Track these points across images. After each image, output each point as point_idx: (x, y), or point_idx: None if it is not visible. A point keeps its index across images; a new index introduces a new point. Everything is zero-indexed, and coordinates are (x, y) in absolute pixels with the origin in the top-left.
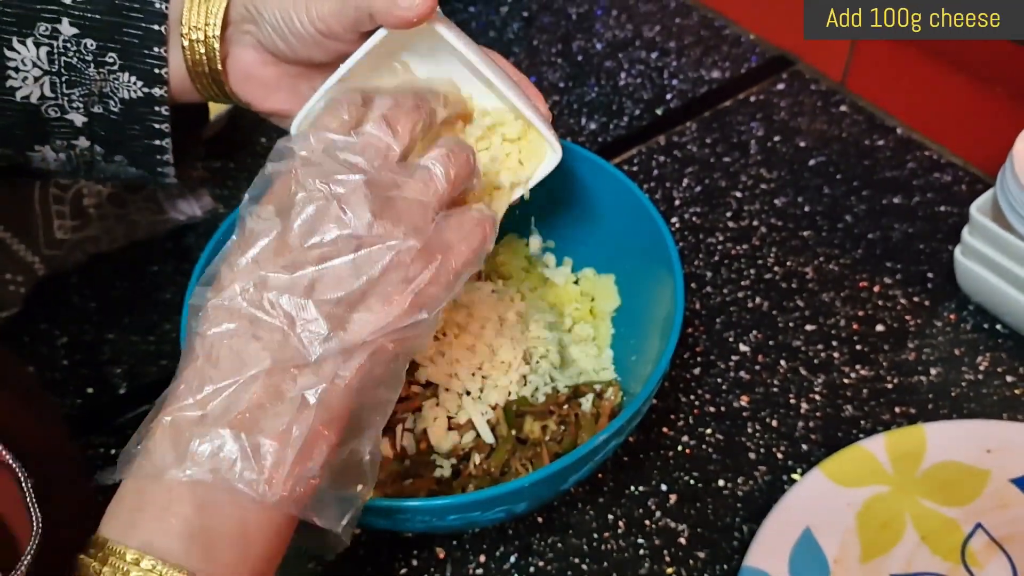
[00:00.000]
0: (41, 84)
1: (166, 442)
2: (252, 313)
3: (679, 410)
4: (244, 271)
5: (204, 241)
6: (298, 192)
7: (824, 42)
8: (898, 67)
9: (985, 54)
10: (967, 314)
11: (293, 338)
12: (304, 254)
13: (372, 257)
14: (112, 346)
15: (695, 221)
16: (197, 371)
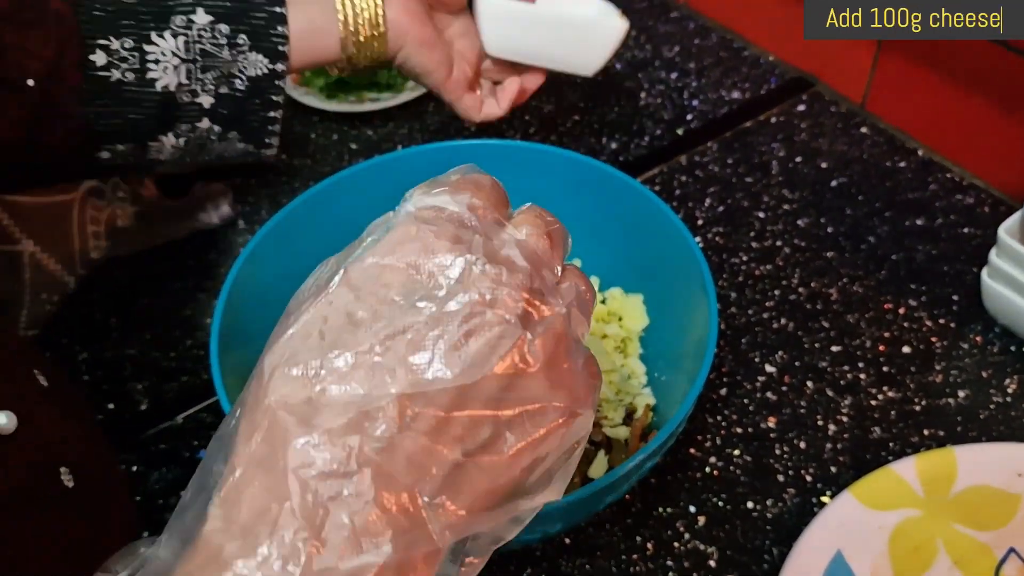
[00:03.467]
0: (178, 72)
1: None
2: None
3: (706, 431)
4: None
5: (225, 258)
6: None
7: (843, 64)
8: (918, 89)
9: (1005, 75)
10: (993, 336)
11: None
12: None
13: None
14: (133, 362)
15: (718, 241)
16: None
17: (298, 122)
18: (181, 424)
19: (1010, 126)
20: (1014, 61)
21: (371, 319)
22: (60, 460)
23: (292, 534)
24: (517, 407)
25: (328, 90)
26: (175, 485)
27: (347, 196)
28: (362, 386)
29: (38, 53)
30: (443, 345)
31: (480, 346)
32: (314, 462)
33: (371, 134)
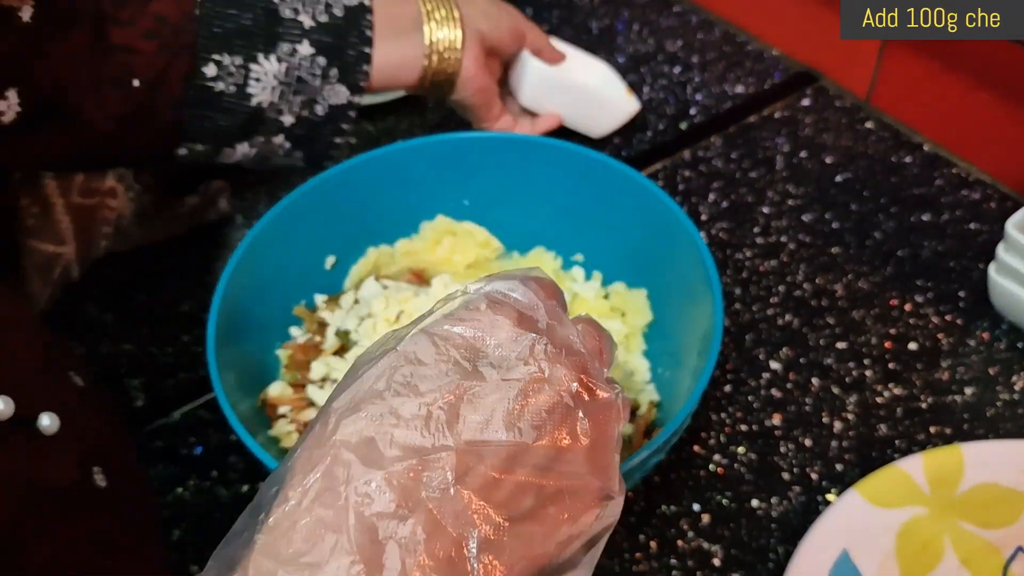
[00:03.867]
0: (274, 92)
1: None
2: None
3: (710, 428)
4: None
5: (223, 253)
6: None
7: (848, 58)
8: (923, 83)
9: (1013, 70)
10: (1000, 333)
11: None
12: None
13: None
14: (130, 358)
15: (722, 237)
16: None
17: None
18: (178, 421)
19: (1017, 120)
20: (1020, 54)
21: (438, 376)
22: (95, 460)
23: (347, 565)
24: (561, 480)
25: None
26: (172, 482)
27: (344, 190)
28: (423, 435)
29: (149, 57)
30: (502, 409)
31: (535, 414)
32: (373, 500)
33: (371, 129)
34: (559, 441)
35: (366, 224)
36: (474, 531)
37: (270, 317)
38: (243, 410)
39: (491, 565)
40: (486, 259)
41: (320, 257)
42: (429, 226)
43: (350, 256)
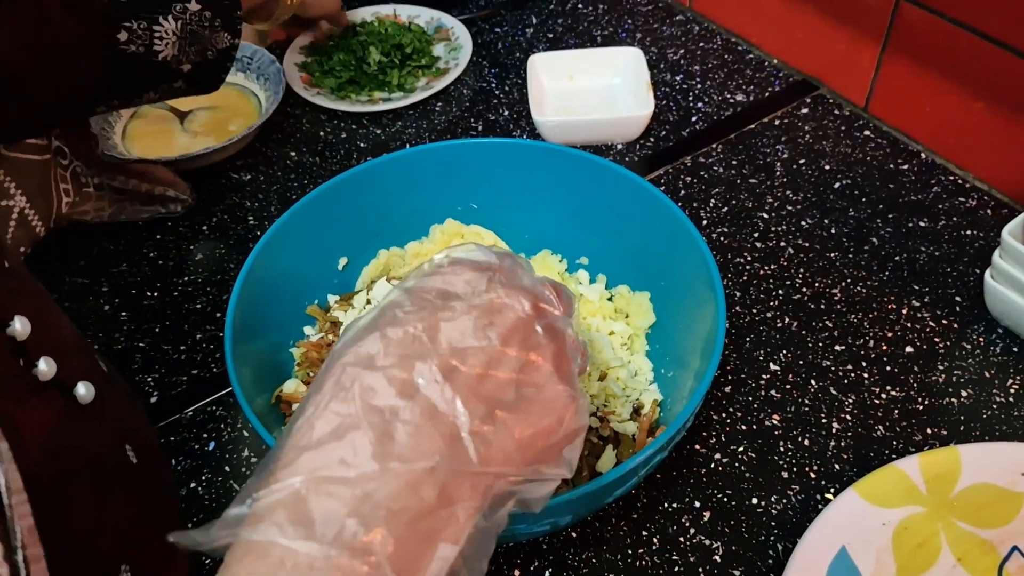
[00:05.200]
0: (174, 46)
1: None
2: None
3: (711, 427)
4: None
5: (234, 253)
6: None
7: (846, 67)
8: (920, 92)
9: (1009, 79)
10: (996, 337)
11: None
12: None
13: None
14: (144, 355)
15: (723, 241)
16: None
17: (307, 120)
18: (191, 417)
19: (1012, 129)
20: (1015, 63)
21: (417, 312)
22: (126, 437)
23: (360, 437)
24: (535, 379)
25: (339, 90)
26: (185, 477)
27: (356, 194)
28: (412, 350)
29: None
30: (472, 325)
31: (501, 328)
32: (377, 392)
33: (379, 132)
34: (525, 348)
35: (377, 227)
36: (463, 414)
37: (284, 316)
38: (258, 405)
39: (484, 436)
40: None
41: (333, 258)
42: (439, 229)
43: (362, 258)
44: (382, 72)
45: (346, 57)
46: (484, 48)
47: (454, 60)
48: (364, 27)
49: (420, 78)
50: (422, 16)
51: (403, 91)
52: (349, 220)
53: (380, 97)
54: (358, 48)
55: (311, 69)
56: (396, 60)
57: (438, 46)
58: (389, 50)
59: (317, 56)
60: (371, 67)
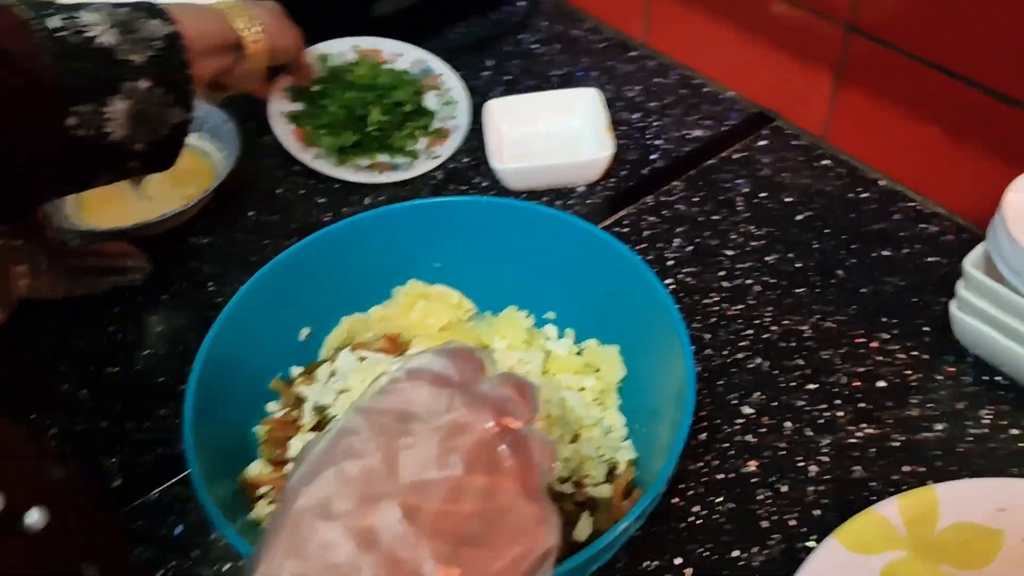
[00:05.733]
0: (125, 127)
1: None
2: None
3: (688, 479)
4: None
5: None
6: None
7: (802, 98)
8: (876, 120)
9: (961, 106)
10: (966, 367)
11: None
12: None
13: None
14: (105, 435)
15: (690, 281)
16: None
17: (263, 178)
18: (157, 499)
19: (965, 154)
20: (963, 90)
21: (374, 439)
22: (85, 555)
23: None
24: (501, 506)
25: (341, 153)
26: (153, 564)
27: (316, 261)
28: (371, 488)
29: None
30: (433, 453)
31: (464, 452)
32: (335, 548)
33: (337, 187)
34: (490, 472)
35: (339, 293)
36: (428, 560)
37: (247, 391)
38: (222, 493)
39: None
40: (459, 320)
41: (294, 329)
42: (402, 291)
43: (324, 326)
44: (383, 133)
45: (338, 110)
46: None
47: (451, 119)
48: (352, 72)
49: (418, 139)
50: (405, 55)
51: (405, 155)
52: (309, 288)
53: (384, 163)
54: (356, 104)
55: (303, 121)
56: (396, 120)
57: (428, 96)
58: (390, 108)
59: (306, 103)
60: (371, 128)
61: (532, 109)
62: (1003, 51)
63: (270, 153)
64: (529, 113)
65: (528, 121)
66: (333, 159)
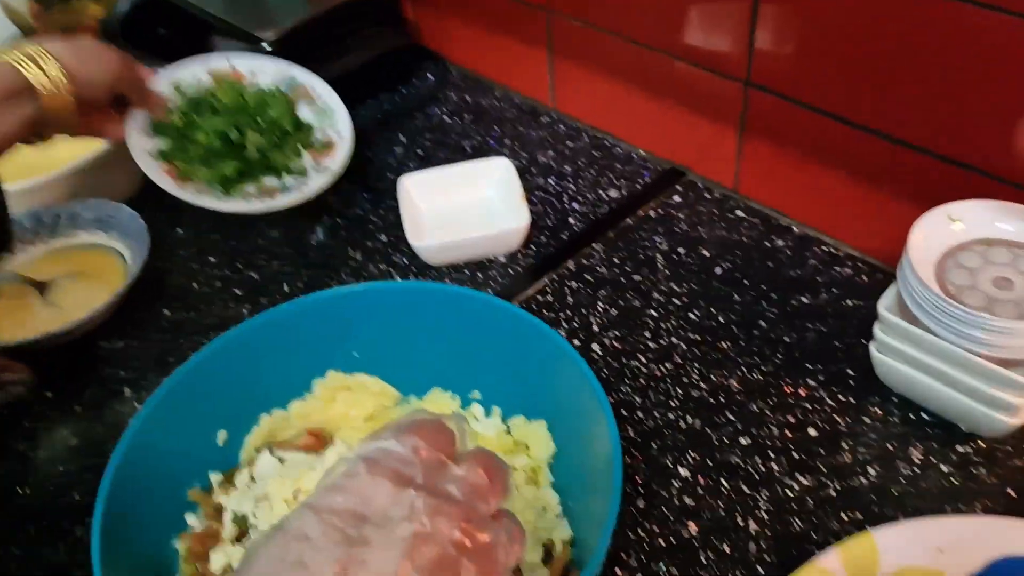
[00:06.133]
0: None
1: None
2: None
3: (629, 547)
4: None
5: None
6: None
7: (711, 152)
8: (782, 169)
9: (863, 152)
10: (892, 406)
11: None
12: None
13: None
14: (19, 563)
15: (616, 346)
16: None
17: (177, 272)
18: None
19: (871, 197)
20: (864, 137)
21: (325, 548)
22: None
23: None
24: None
25: (225, 185)
26: None
27: (230, 361)
28: None
29: None
30: (392, 569)
31: (423, 570)
32: None
33: (255, 276)
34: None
35: (256, 392)
36: None
37: (164, 504)
38: None
39: None
40: (384, 408)
41: (211, 433)
42: (321, 383)
43: (243, 427)
44: (263, 156)
45: (210, 140)
46: (354, 172)
47: (332, 129)
48: (215, 97)
49: (302, 155)
50: (266, 70)
51: (294, 174)
52: (225, 389)
53: (274, 186)
54: (228, 130)
55: (173, 156)
56: (275, 139)
57: (302, 108)
58: (267, 129)
59: (171, 137)
60: (252, 153)
61: (446, 182)
62: (895, 98)
63: (182, 245)
64: (444, 186)
65: (444, 194)
66: (217, 192)
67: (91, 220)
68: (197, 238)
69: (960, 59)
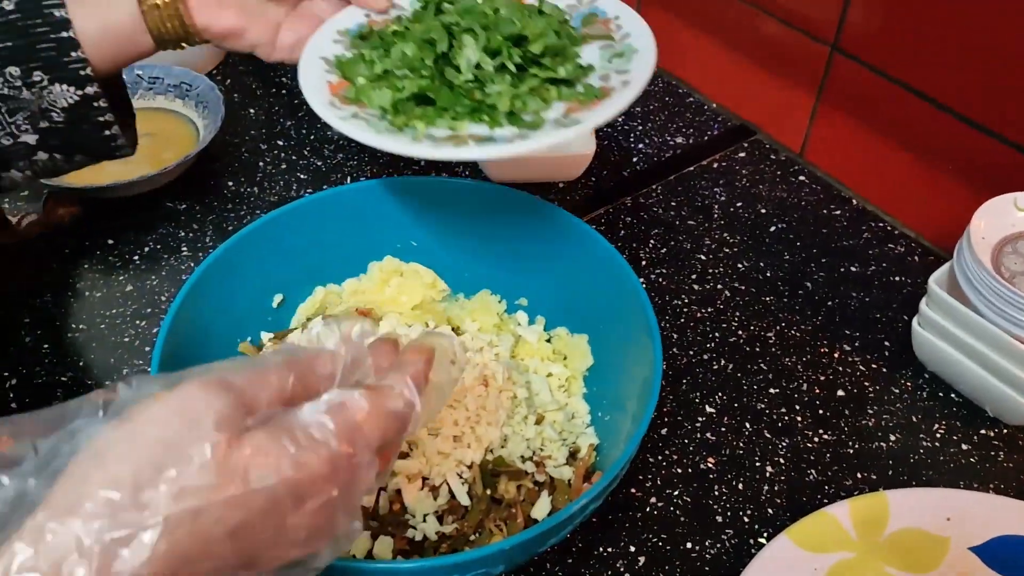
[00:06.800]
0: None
1: None
2: None
3: (647, 470)
4: None
5: (166, 285)
6: None
7: (783, 114)
8: (853, 141)
9: (936, 132)
10: (923, 382)
11: None
12: None
13: None
14: (65, 390)
15: (661, 283)
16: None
17: (247, 149)
18: None
19: (936, 180)
20: (939, 117)
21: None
22: None
23: None
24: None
25: (394, 112)
26: None
27: (293, 229)
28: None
29: None
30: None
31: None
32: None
33: (320, 164)
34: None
35: (314, 263)
36: None
37: (215, 353)
38: None
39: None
40: (432, 300)
41: (267, 295)
42: (377, 266)
43: (297, 295)
44: (480, 85)
45: (415, 53)
46: None
47: (620, 75)
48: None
49: (552, 101)
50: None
51: (519, 125)
52: (285, 256)
53: (473, 134)
54: (440, 36)
55: (349, 70)
56: (511, 63)
57: (590, 48)
58: (499, 46)
59: (366, 47)
60: (461, 74)
61: None
62: (980, 80)
63: (255, 126)
64: None
65: None
66: (384, 121)
67: (171, 86)
68: (269, 120)
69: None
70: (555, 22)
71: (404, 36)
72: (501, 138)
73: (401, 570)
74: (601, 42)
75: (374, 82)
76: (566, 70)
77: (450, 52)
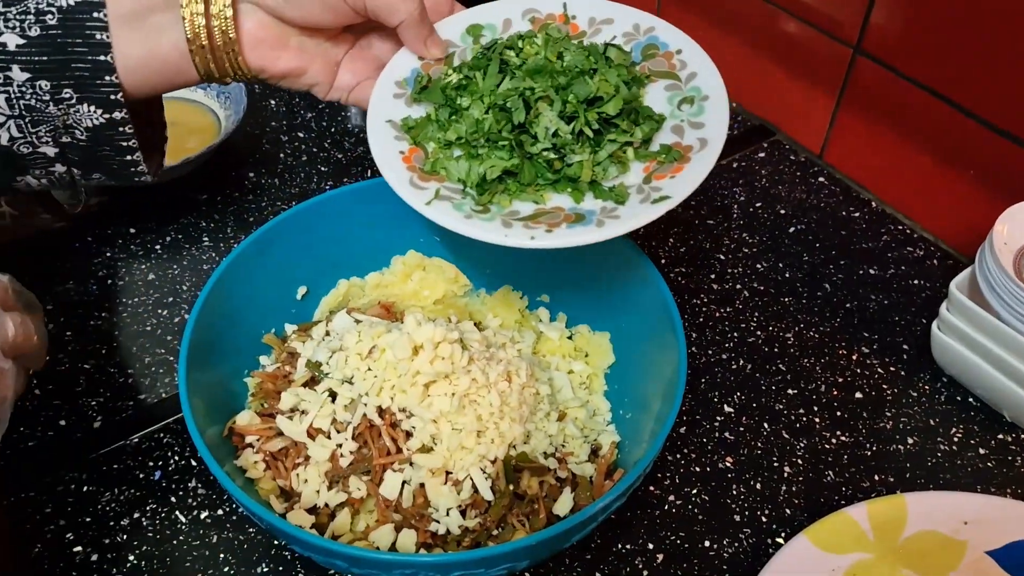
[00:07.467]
0: (7, 127)
1: None
2: None
3: (666, 469)
4: None
5: (188, 275)
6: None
7: (803, 115)
8: (873, 143)
9: (958, 137)
10: (941, 386)
11: None
12: None
13: None
14: (88, 377)
15: (680, 282)
16: None
17: (267, 141)
18: (136, 444)
19: (956, 184)
20: (962, 121)
21: None
22: None
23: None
24: None
25: (483, 187)
26: (128, 506)
27: (318, 222)
28: None
29: None
30: None
31: None
32: None
33: (340, 157)
34: None
35: (338, 256)
36: None
37: (239, 344)
38: (209, 437)
39: None
40: (454, 295)
41: (291, 287)
42: (400, 260)
43: (321, 287)
44: (558, 154)
45: (491, 124)
46: None
47: (694, 129)
48: (519, 49)
49: (631, 161)
50: (617, 20)
51: (603, 196)
52: (310, 249)
53: (556, 206)
54: (516, 104)
55: (420, 135)
56: (588, 128)
57: (655, 89)
58: (574, 109)
59: (429, 103)
60: (539, 142)
61: None
62: (1004, 86)
63: (276, 117)
64: None
65: None
66: (468, 200)
67: None
68: (290, 112)
69: None
70: (624, 71)
71: (469, 90)
72: (588, 212)
73: (429, 563)
74: (666, 81)
75: (446, 148)
76: (642, 131)
77: (527, 119)
